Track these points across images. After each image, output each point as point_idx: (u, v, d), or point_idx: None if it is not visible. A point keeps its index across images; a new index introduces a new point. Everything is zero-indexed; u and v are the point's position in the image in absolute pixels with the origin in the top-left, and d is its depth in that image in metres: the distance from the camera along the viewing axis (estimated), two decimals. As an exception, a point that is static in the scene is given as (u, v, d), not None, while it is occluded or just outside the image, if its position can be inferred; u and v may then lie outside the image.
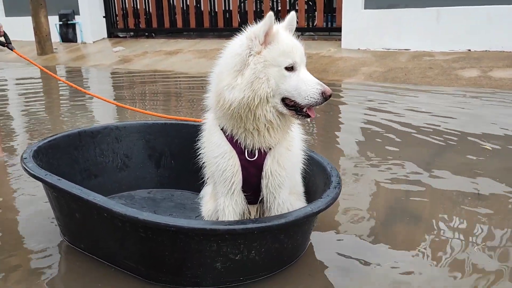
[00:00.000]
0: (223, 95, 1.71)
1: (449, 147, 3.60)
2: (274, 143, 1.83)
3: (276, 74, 1.68)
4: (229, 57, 1.73)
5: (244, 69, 1.67)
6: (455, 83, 5.85)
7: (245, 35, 1.72)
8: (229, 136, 1.84)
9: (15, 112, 5.62)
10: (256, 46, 1.67)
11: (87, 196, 1.83)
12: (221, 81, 1.73)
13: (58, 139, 2.62)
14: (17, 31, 12.59)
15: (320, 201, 1.86)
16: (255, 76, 1.66)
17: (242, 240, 1.73)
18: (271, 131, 1.78)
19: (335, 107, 5.29)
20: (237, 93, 1.67)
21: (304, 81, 1.69)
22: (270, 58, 1.67)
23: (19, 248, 2.30)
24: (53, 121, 5.05)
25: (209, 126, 1.93)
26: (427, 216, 2.49)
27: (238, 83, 1.67)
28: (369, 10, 7.66)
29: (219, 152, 1.87)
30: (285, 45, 1.69)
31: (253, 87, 1.66)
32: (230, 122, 1.79)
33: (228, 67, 1.72)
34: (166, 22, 10.88)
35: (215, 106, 1.81)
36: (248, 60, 1.67)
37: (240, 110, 1.70)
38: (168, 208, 2.68)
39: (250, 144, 1.81)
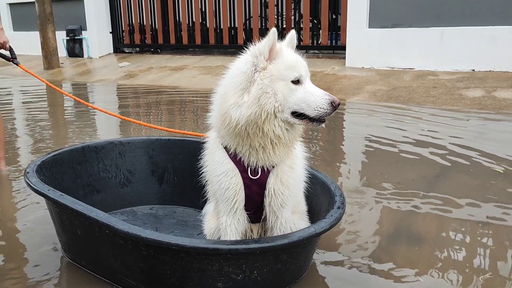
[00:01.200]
0: (229, 114, 1.71)
1: (453, 168, 3.58)
2: (278, 161, 1.82)
3: (283, 88, 1.68)
4: (233, 76, 1.74)
5: (250, 87, 1.68)
6: (459, 103, 5.85)
7: (249, 53, 1.73)
8: (232, 154, 1.83)
9: (20, 125, 5.64)
10: (261, 62, 1.68)
11: (90, 213, 1.82)
12: (226, 101, 1.73)
13: (62, 154, 2.62)
14: (24, 45, 12.75)
15: (324, 221, 1.84)
16: (262, 91, 1.67)
17: (244, 260, 1.71)
18: (277, 148, 1.78)
19: (338, 125, 5.29)
20: (244, 110, 1.67)
21: (311, 92, 1.70)
22: (276, 72, 1.68)
23: (20, 263, 2.29)
24: (58, 135, 5.07)
25: (212, 145, 1.93)
26: (431, 240, 2.45)
27: (245, 101, 1.67)
28: (373, 29, 7.71)
29: (221, 170, 1.86)
30: (289, 59, 1.72)
31: (260, 102, 1.67)
32: (234, 141, 1.79)
33: (233, 86, 1.72)
34: (172, 38, 10.98)
35: (219, 126, 1.81)
36: (254, 77, 1.68)
37: (248, 127, 1.70)
38: (170, 225, 2.67)
39: (254, 162, 1.80)
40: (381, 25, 7.66)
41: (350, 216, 2.75)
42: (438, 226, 2.62)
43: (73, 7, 11.94)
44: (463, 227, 2.59)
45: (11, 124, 5.56)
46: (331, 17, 8.80)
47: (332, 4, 8.69)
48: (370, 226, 2.63)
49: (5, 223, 2.81)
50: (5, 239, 2.58)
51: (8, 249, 2.46)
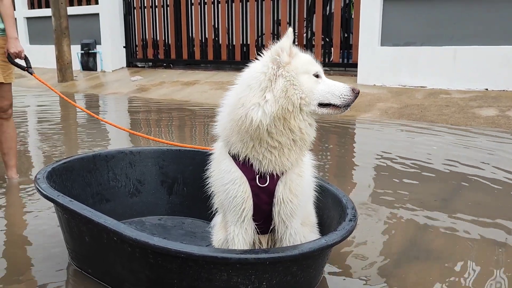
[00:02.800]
0: (249, 116, 1.70)
1: (467, 186, 3.51)
2: (289, 166, 1.81)
3: (308, 80, 1.74)
4: (251, 79, 1.74)
5: (272, 85, 1.70)
6: (473, 122, 5.79)
7: (266, 55, 1.77)
8: (241, 162, 1.81)
9: (33, 135, 5.69)
10: (285, 57, 1.72)
11: (98, 219, 1.80)
12: (244, 104, 1.72)
13: (72, 161, 2.62)
14: (40, 58, 12.96)
15: (335, 233, 1.81)
16: (290, 83, 1.70)
17: (253, 270, 1.67)
18: (292, 149, 1.77)
19: (349, 141, 5.26)
20: (270, 107, 1.69)
21: (332, 84, 1.79)
22: (300, 66, 1.74)
23: (27, 271, 2.27)
24: (70, 145, 5.11)
25: (218, 155, 1.92)
26: (443, 258, 2.38)
27: (268, 99, 1.69)
28: (385, 47, 7.72)
29: (229, 179, 1.84)
30: (305, 57, 1.81)
31: (288, 94, 1.70)
32: (248, 145, 1.77)
33: (252, 88, 1.72)
34: (185, 53, 11.09)
35: (229, 133, 1.79)
36: (278, 72, 1.71)
37: (272, 124, 1.70)
38: (178, 236, 2.64)
39: (265, 166, 1.78)
40: (393, 43, 7.66)
41: (361, 231, 2.69)
42: (451, 244, 2.55)
43: (89, 22, 12.14)
44: (478, 246, 2.52)
45: (25, 134, 5.61)
46: (343, 36, 8.83)
47: (344, 22, 8.73)
48: (382, 242, 2.57)
49: (15, 230, 2.81)
50: (13, 247, 2.58)
51: (16, 257, 2.45)
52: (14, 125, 3.70)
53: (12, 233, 2.77)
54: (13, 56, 3.35)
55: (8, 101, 3.54)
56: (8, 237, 2.69)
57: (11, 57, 3.35)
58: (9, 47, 3.30)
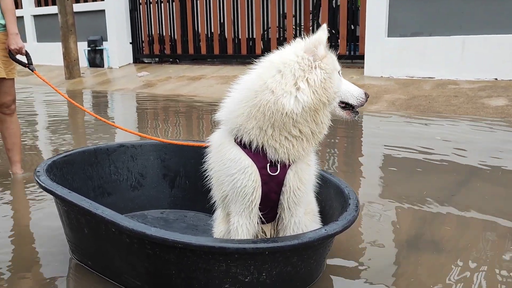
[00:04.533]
0: (279, 103, 1.67)
1: (476, 176, 3.45)
2: (305, 154, 1.81)
3: (336, 77, 1.77)
4: (282, 66, 1.71)
5: (306, 75, 1.69)
6: (481, 112, 5.69)
7: (301, 45, 1.75)
8: (253, 150, 1.77)
9: (39, 130, 5.71)
10: (321, 50, 1.72)
11: (95, 210, 1.78)
12: (272, 91, 1.69)
13: (73, 154, 2.61)
14: (47, 56, 13.06)
15: (336, 223, 1.77)
16: (328, 76, 1.71)
17: (252, 261, 1.64)
18: (311, 140, 1.78)
19: (357, 133, 5.20)
20: (306, 97, 1.68)
21: (350, 85, 1.85)
22: (332, 62, 1.76)
23: (29, 265, 2.27)
24: (77, 140, 5.11)
25: (221, 143, 1.85)
26: (451, 251, 2.31)
27: (303, 88, 1.68)
28: (392, 38, 7.61)
29: (237, 168, 1.78)
30: (332, 54, 1.80)
31: (325, 86, 1.70)
32: (266, 132, 1.73)
33: (283, 76, 1.70)
34: (191, 48, 11.07)
35: (248, 118, 1.74)
36: (316, 64, 1.70)
37: (303, 114, 1.69)
38: (180, 229, 2.62)
39: (282, 154, 1.76)
40: (400, 34, 7.56)
41: (368, 224, 2.66)
42: (462, 237, 2.49)
43: (95, 19, 12.17)
44: (489, 238, 2.46)
45: (32, 129, 5.63)
46: (350, 28, 8.74)
47: (350, 14, 8.64)
48: (388, 235, 2.52)
49: (19, 225, 2.81)
50: (19, 241, 2.58)
51: (21, 251, 2.45)
52: (18, 121, 3.70)
53: (17, 228, 2.77)
54: (14, 52, 3.34)
55: (11, 97, 3.54)
56: (13, 232, 2.69)
57: (12, 53, 3.34)
58: (10, 43, 3.29)
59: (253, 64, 1.84)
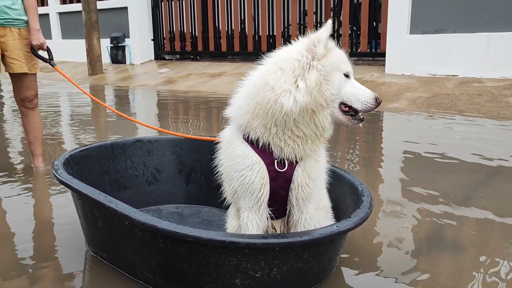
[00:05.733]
0: (279, 102, 1.65)
1: (497, 176, 3.37)
2: (311, 153, 1.78)
3: (338, 79, 1.70)
4: (284, 64, 1.69)
5: (306, 74, 1.65)
6: (506, 111, 5.56)
7: (302, 42, 1.72)
8: (261, 146, 1.77)
9: (62, 126, 5.81)
10: (320, 50, 1.67)
11: (109, 203, 1.80)
12: (273, 88, 1.67)
13: (90, 149, 2.65)
14: (72, 52, 13.31)
15: (349, 220, 1.75)
16: (323, 78, 1.66)
17: (263, 256, 1.64)
18: (316, 140, 1.74)
19: (377, 131, 5.14)
20: (302, 97, 1.64)
21: (359, 88, 1.74)
22: (334, 62, 1.69)
23: (51, 256, 2.31)
24: (99, 134, 5.19)
25: (230, 140, 1.86)
26: (473, 250, 2.27)
27: (301, 88, 1.64)
28: (414, 35, 7.50)
29: (245, 164, 1.79)
30: (341, 53, 1.75)
31: (321, 88, 1.66)
32: (271, 131, 1.72)
33: (283, 74, 1.67)
34: (211, 45, 11.12)
35: (253, 116, 1.73)
36: (313, 64, 1.66)
37: (299, 115, 1.66)
38: (194, 224, 2.63)
39: (287, 153, 1.75)
40: (423, 31, 7.43)
41: (385, 222, 2.62)
42: (482, 237, 2.44)
43: (117, 16, 12.33)
44: (508, 239, 2.40)
45: (53, 125, 5.74)
46: (372, 25, 8.63)
47: (372, 11, 8.53)
48: (406, 233, 2.48)
49: (41, 218, 2.86)
50: (37, 232, 2.63)
51: (39, 242, 2.50)
52: (40, 115, 3.77)
53: (39, 219, 2.83)
54: (36, 48, 3.41)
55: (34, 91, 3.61)
56: (35, 225, 2.74)
57: (34, 48, 3.41)
58: (32, 39, 3.36)
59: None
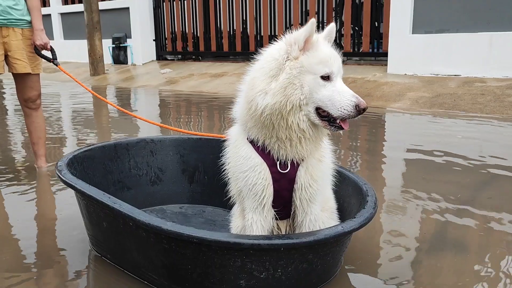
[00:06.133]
0: (255, 101, 1.65)
1: (499, 178, 3.36)
2: (307, 154, 1.75)
3: (311, 82, 1.62)
4: (265, 62, 1.68)
5: (279, 74, 1.62)
6: (509, 111, 5.54)
7: (284, 40, 1.68)
8: (260, 148, 1.77)
9: (64, 126, 5.82)
10: (294, 51, 1.62)
11: (113, 204, 1.80)
12: (254, 87, 1.67)
13: (94, 149, 2.64)
14: (74, 53, 13.32)
15: (353, 220, 1.75)
16: (289, 82, 1.61)
17: (267, 257, 1.63)
18: (303, 142, 1.71)
19: (379, 132, 5.14)
20: (270, 98, 1.61)
21: (339, 92, 1.62)
22: (307, 64, 1.61)
23: (52, 256, 2.31)
24: (102, 134, 5.19)
25: (236, 140, 1.86)
26: (473, 252, 2.26)
27: (271, 88, 1.62)
28: (417, 35, 7.48)
29: (249, 166, 1.79)
30: (323, 53, 1.64)
31: (286, 92, 1.61)
32: (262, 132, 1.72)
33: (263, 72, 1.66)
34: (213, 45, 11.12)
35: (245, 115, 1.75)
36: (285, 65, 1.62)
37: (272, 117, 1.64)
38: (198, 224, 2.63)
39: (283, 155, 1.73)
40: (425, 31, 7.42)
41: (389, 223, 2.61)
42: (484, 238, 2.43)
43: (119, 16, 12.35)
44: (510, 238, 2.39)
45: (57, 125, 5.74)
46: (374, 24, 8.61)
47: (374, 11, 8.52)
48: (409, 234, 2.47)
49: (45, 218, 2.86)
50: (41, 232, 2.63)
51: (43, 243, 2.50)
52: (43, 115, 3.78)
53: (42, 220, 2.83)
54: (39, 48, 3.41)
55: (37, 92, 3.61)
56: (39, 225, 2.74)
57: (37, 48, 3.41)
58: (35, 39, 3.36)
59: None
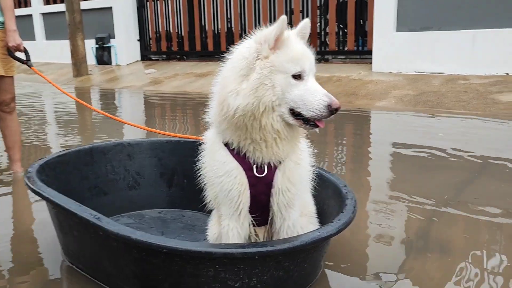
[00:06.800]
0: (227, 102, 1.58)
1: (485, 174, 3.35)
2: (284, 155, 1.68)
3: (283, 82, 1.55)
4: (235, 61, 1.61)
5: (250, 74, 1.55)
6: (492, 108, 5.56)
7: (254, 39, 1.60)
8: (235, 151, 1.71)
9: (45, 128, 5.70)
10: (264, 50, 1.55)
11: (81, 213, 1.73)
12: (225, 87, 1.60)
13: (68, 154, 2.57)
14: (56, 54, 13.11)
15: (331, 225, 1.70)
16: (260, 82, 1.54)
17: (241, 265, 1.58)
18: (279, 142, 1.64)
19: (364, 131, 5.11)
20: (241, 99, 1.54)
21: (311, 91, 1.56)
22: (277, 63, 1.55)
23: (24, 264, 2.23)
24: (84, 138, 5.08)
25: (211, 144, 1.79)
26: (457, 251, 2.23)
27: (243, 88, 1.55)
28: (401, 33, 7.48)
29: (224, 170, 1.72)
30: (294, 51, 1.57)
31: (258, 94, 1.54)
32: (236, 134, 1.65)
33: (233, 72, 1.59)
34: (198, 45, 11.02)
35: (218, 117, 1.68)
36: (255, 64, 1.55)
37: (245, 118, 1.57)
38: (176, 229, 2.56)
39: (259, 157, 1.67)
40: (409, 29, 7.42)
41: (371, 223, 2.58)
42: (467, 236, 2.41)
43: (103, 16, 12.17)
44: (494, 237, 2.37)
45: (36, 128, 5.62)
46: (359, 23, 8.60)
47: (359, 9, 8.50)
48: (394, 233, 2.44)
49: (19, 225, 2.78)
50: (15, 240, 2.54)
51: (16, 251, 2.41)
52: (17, 119, 3.67)
53: (16, 227, 2.74)
54: (13, 50, 3.31)
55: (11, 95, 3.51)
56: (13, 232, 2.66)
57: (11, 50, 3.31)
58: (8, 40, 3.26)
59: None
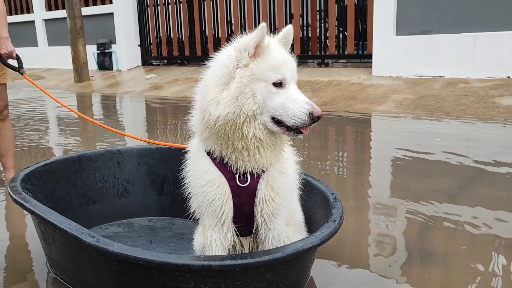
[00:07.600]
0: (208, 111, 1.55)
1: (482, 180, 3.29)
2: (267, 164, 1.64)
3: (263, 90, 1.52)
4: (215, 69, 1.58)
5: (230, 83, 1.52)
6: (492, 111, 5.49)
7: (233, 46, 1.58)
8: (218, 160, 1.67)
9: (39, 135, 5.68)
10: (244, 58, 1.52)
11: (60, 224, 1.70)
12: (206, 95, 1.57)
13: (55, 163, 2.54)
14: (58, 60, 13.15)
15: (314, 236, 1.66)
16: (240, 91, 1.51)
17: (222, 278, 1.54)
18: (262, 151, 1.61)
19: (364, 135, 5.07)
20: (222, 108, 1.52)
21: (292, 99, 1.53)
22: (257, 72, 1.52)
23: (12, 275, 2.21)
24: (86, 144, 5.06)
25: (194, 153, 1.76)
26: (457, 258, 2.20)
27: (223, 97, 1.52)
28: (401, 36, 7.43)
29: (207, 180, 1.69)
30: (275, 59, 1.54)
31: (238, 103, 1.51)
32: (217, 142, 1.62)
33: (214, 80, 1.56)
34: (198, 50, 11.02)
35: (200, 126, 1.65)
36: (235, 73, 1.52)
37: (226, 127, 1.54)
38: (165, 237, 2.53)
39: (242, 167, 1.63)
40: (409, 32, 7.37)
41: (371, 227, 2.56)
42: (465, 241, 2.38)
43: (104, 22, 12.20)
44: (488, 244, 2.33)
45: (31, 134, 5.61)
46: (361, 27, 8.56)
47: (358, 12, 8.47)
48: (392, 239, 2.41)
49: (13, 234, 2.75)
50: (12, 251, 2.52)
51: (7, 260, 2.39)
52: (11, 126, 3.66)
53: (7, 237, 2.71)
54: (5, 57, 3.29)
55: (4, 102, 3.50)
56: (7, 241, 2.63)
57: (3, 57, 3.29)
58: (0, 47, 3.24)
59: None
